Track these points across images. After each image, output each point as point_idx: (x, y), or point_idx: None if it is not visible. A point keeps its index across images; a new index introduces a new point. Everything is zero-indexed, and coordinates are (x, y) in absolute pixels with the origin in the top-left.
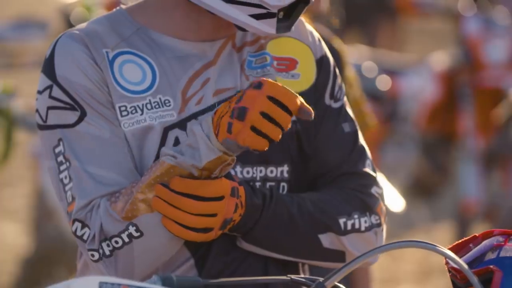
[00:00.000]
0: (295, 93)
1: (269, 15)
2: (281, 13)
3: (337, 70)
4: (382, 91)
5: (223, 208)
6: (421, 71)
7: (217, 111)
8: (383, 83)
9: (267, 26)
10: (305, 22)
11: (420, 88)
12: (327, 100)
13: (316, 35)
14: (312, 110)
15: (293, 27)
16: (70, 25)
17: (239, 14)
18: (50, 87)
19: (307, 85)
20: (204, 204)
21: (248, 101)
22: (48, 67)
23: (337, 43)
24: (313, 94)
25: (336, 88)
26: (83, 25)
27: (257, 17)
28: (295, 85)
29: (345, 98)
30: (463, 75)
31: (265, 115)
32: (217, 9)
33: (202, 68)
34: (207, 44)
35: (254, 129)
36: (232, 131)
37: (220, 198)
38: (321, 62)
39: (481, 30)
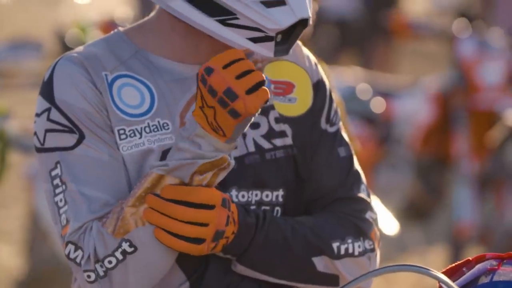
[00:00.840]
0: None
1: (267, 39)
2: (279, 36)
3: (333, 95)
4: (376, 114)
5: (214, 217)
6: (415, 93)
7: (194, 114)
8: (378, 105)
9: (265, 50)
10: (302, 46)
11: (415, 110)
12: (323, 124)
13: (313, 59)
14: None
15: (291, 51)
16: (65, 46)
17: (237, 38)
18: (48, 110)
19: (303, 109)
20: (196, 211)
21: (220, 84)
22: (47, 90)
23: (322, 66)
24: (310, 118)
25: (332, 113)
26: (81, 48)
27: (255, 40)
28: (292, 109)
29: (340, 123)
30: (458, 97)
31: (239, 76)
32: (215, 32)
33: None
34: None
35: (248, 91)
36: (240, 113)
37: (212, 207)
38: (318, 86)
39: (476, 52)
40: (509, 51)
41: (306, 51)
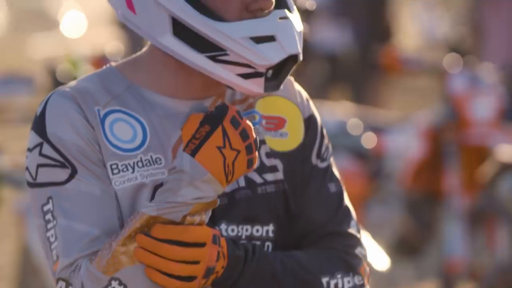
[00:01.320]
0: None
1: (257, 75)
2: (270, 72)
3: (324, 130)
4: (367, 149)
5: (205, 255)
6: (406, 129)
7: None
8: (369, 140)
9: (255, 86)
10: (293, 81)
11: (406, 146)
12: (314, 159)
13: (305, 94)
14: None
15: (281, 86)
16: (56, 80)
17: (227, 74)
18: (40, 145)
19: (295, 144)
20: (187, 250)
21: (251, 130)
22: (39, 125)
23: None
24: (301, 153)
25: (323, 148)
26: (74, 82)
27: (245, 76)
28: (283, 144)
29: (331, 158)
30: (449, 132)
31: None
32: (205, 68)
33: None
34: (197, 102)
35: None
36: (253, 164)
37: (203, 245)
38: (309, 121)
39: (467, 87)
40: (500, 86)
41: (297, 86)
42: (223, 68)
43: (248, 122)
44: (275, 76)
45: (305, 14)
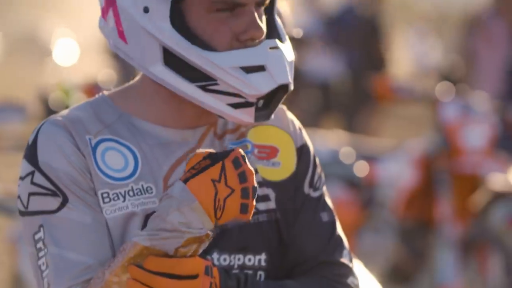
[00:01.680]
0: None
1: (247, 104)
2: (261, 102)
3: (317, 159)
4: (359, 177)
5: (198, 287)
6: (398, 157)
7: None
8: (361, 169)
9: (246, 115)
10: (286, 110)
11: (398, 174)
12: (307, 189)
13: (297, 123)
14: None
15: (272, 115)
16: (49, 108)
17: (217, 103)
18: (32, 173)
19: (287, 173)
20: (180, 282)
21: (254, 179)
22: (31, 153)
23: None
24: (293, 182)
25: (316, 177)
26: (66, 111)
27: (235, 106)
28: (276, 173)
29: (324, 187)
30: (441, 161)
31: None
32: (195, 97)
33: (185, 155)
34: (189, 131)
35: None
36: (248, 212)
37: (195, 277)
38: (302, 151)
39: (459, 116)
40: (492, 114)
41: (290, 115)
42: (213, 98)
43: (250, 167)
44: (266, 105)
45: (298, 43)
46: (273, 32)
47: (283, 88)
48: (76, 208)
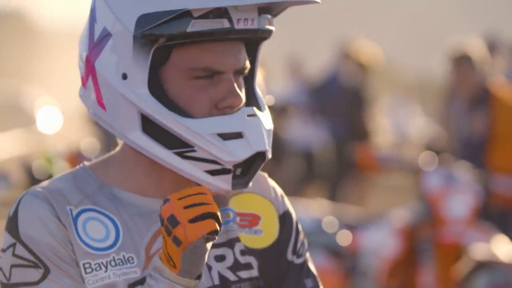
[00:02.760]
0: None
1: (224, 171)
2: (239, 170)
3: (299, 226)
4: (342, 246)
5: None
6: (381, 226)
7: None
8: (344, 238)
9: (223, 183)
10: (267, 178)
11: (381, 243)
12: (290, 256)
13: (279, 190)
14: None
15: (251, 183)
16: (32, 176)
17: (195, 170)
18: (13, 245)
19: (269, 241)
20: None
21: (166, 212)
22: (12, 225)
23: None
24: (276, 250)
25: (299, 244)
26: (46, 182)
27: (212, 173)
28: (258, 241)
29: (307, 254)
30: (424, 230)
31: (190, 206)
32: (173, 164)
33: None
34: None
35: (193, 220)
36: (181, 240)
37: None
38: (284, 218)
39: (442, 186)
40: (475, 184)
41: (272, 182)
42: (191, 165)
43: (170, 202)
44: (244, 173)
45: (281, 112)
46: (252, 100)
47: (261, 155)
48: (57, 279)
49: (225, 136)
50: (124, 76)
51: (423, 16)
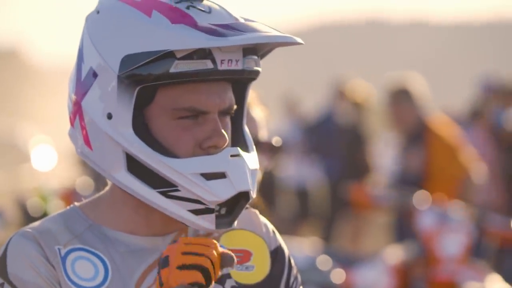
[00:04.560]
0: (210, 240)
1: (207, 211)
2: (224, 209)
3: (292, 261)
4: (336, 285)
5: None
6: (375, 265)
7: None
8: (338, 276)
9: (206, 222)
10: (258, 214)
11: (375, 281)
12: None
13: (271, 226)
14: (233, 256)
15: (235, 223)
16: (27, 214)
17: (178, 209)
18: (1, 286)
19: (261, 276)
20: None
21: (165, 253)
22: (1, 266)
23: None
24: (267, 285)
25: (292, 279)
26: (36, 223)
27: (196, 212)
28: (249, 277)
29: None
30: (418, 268)
31: (187, 253)
32: (158, 203)
33: (155, 262)
34: (159, 238)
35: (180, 267)
36: (163, 282)
37: None
38: (276, 253)
39: (436, 224)
40: (469, 223)
41: (263, 219)
42: (175, 204)
43: (173, 245)
44: (228, 213)
45: (275, 150)
46: (239, 140)
47: (244, 195)
48: None
49: (208, 176)
50: (109, 116)
51: (418, 54)
